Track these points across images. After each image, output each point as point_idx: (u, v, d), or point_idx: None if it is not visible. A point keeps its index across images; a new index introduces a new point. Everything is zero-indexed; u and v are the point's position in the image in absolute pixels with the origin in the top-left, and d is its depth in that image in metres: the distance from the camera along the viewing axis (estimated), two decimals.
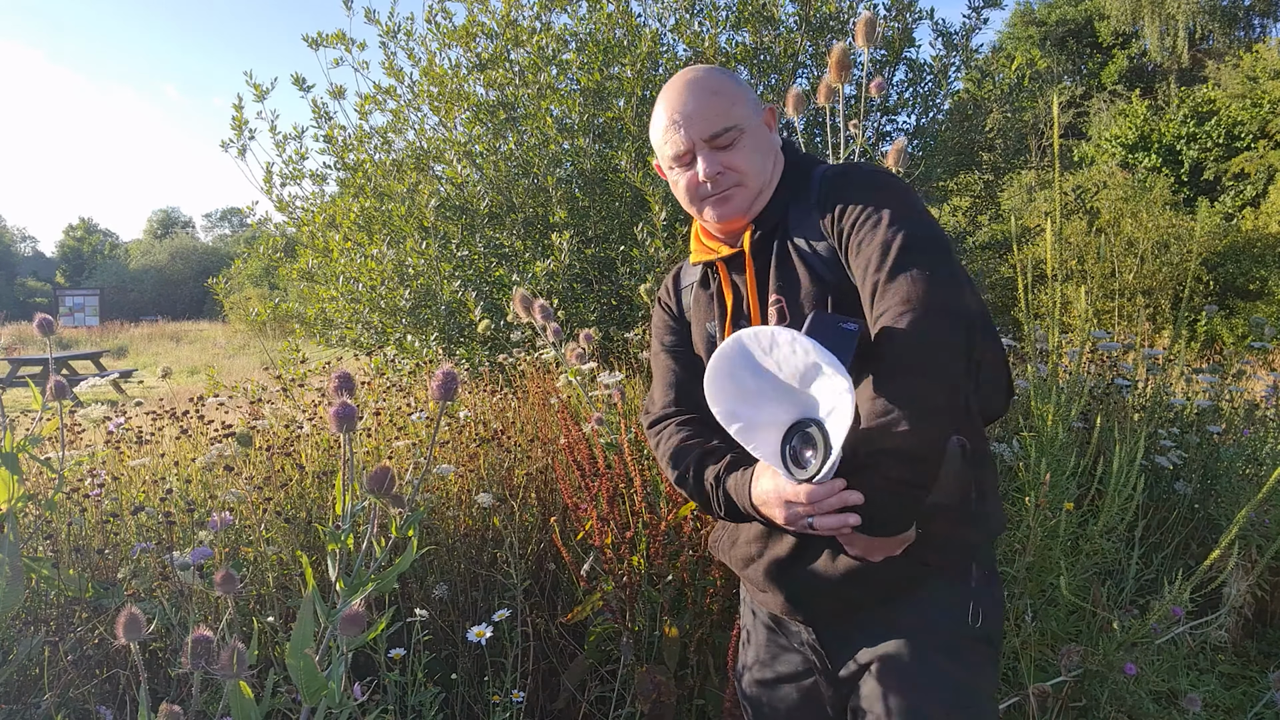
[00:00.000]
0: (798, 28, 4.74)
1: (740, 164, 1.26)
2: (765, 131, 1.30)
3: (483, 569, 2.35)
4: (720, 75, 1.29)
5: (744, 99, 1.28)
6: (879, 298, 1.06)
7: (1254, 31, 23.19)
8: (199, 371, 12.76)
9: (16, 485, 1.43)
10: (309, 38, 4.92)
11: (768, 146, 1.29)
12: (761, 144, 1.28)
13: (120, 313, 34.51)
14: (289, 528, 2.15)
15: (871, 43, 1.79)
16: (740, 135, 1.26)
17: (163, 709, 0.96)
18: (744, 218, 1.28)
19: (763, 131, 1.30)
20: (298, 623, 1.01)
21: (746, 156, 1.26)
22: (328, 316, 5.26)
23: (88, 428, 2.59)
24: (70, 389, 1.59)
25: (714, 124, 1.25)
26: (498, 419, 2.80)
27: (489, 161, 4.56)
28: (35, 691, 1.78)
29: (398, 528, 1.04)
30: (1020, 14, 24.81)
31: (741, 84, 1.31)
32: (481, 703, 2.08)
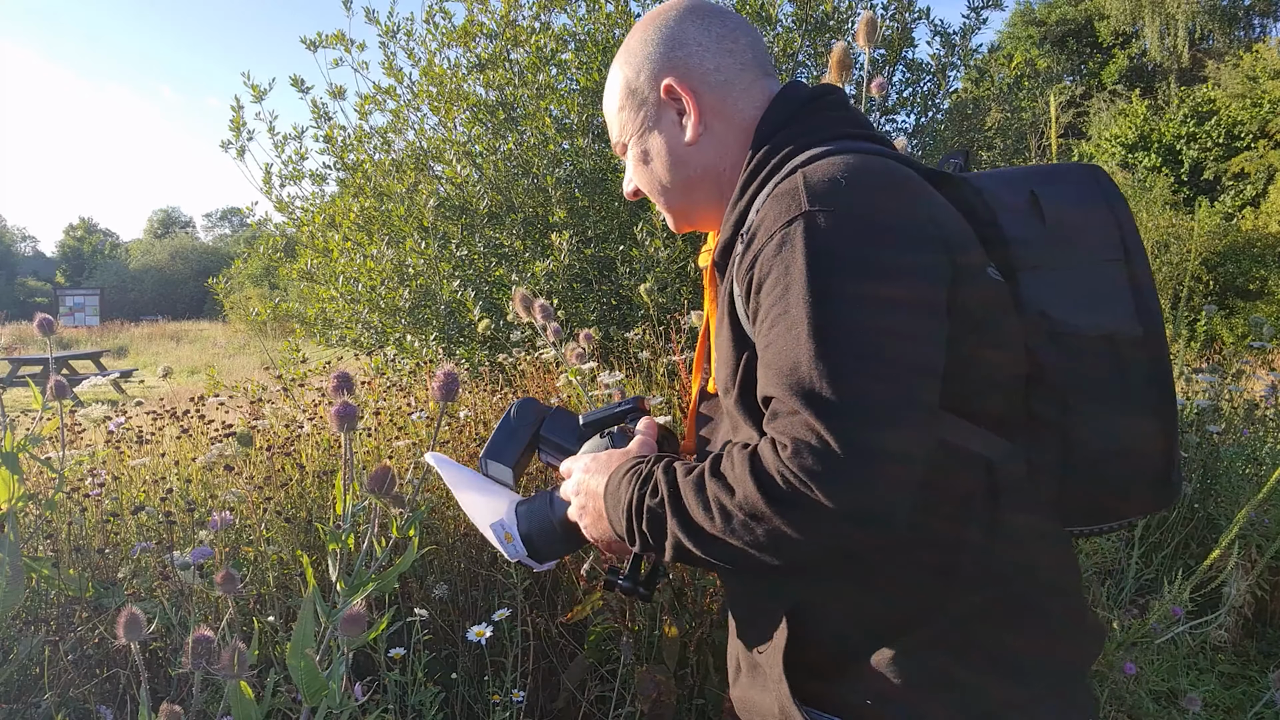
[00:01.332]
0: (796, 27, 4.74)
1: (635, 183, 1.06)
2: (666, 130, 0.99)
3: (483, 568, 2.35)
4: (616, 63, 1.03)
5: (624, 94, 1.01)
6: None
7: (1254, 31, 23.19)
8: (199, 371, 12.77)
9: (17, 485, 1.43)
10: (307, 40, 4.92)
11: (666, 150, 0.99)
12: (654, 150, 1.00)
13: (120, 312, 34.51)
14: (289, 527, 2.15)
15: (872, 43, 1.79)
16: (625, 149, 1.04)
17: (164, 709, 0.96)
18: (700, 228, 1.07)
19: (657, 134, 0.99)
20: (298, 623, 1.01)
21: (640, 176, 1.04)
22: (328, 316, 5.27)
23: (88, 427, 2.59)
24: (70, 389, 1.59)
25: (612, 132, 1.06)
26: (498, 417, 2.80)
27: (488, 161, 4.56)
28: (35, 691, 1.78)
29: (399, 528, 1.04)
30: (1020, 14, 24.81)
31: (628, 62, 1.01)
32: (481, 702, 2.08)
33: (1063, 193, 0.93)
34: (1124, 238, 0.91)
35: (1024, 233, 0.90)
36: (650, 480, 0.86)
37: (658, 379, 2.93)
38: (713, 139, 0.98)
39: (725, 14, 1.01)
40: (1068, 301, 0.88)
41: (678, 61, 0.97)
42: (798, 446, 0.73)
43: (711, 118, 0.97)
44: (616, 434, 1.04)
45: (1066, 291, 0.88)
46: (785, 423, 0.75)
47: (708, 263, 1.01)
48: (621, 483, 0.90)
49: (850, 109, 0.98)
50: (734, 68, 0.98)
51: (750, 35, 1.01)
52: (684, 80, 0.97)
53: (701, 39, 0.98)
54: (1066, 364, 0.86)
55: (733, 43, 0.98)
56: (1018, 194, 0.92)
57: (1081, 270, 0.89)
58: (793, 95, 0.96)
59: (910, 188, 0.84)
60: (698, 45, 0.98)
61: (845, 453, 0.71)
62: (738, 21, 1.01)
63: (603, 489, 0.93)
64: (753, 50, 1.00)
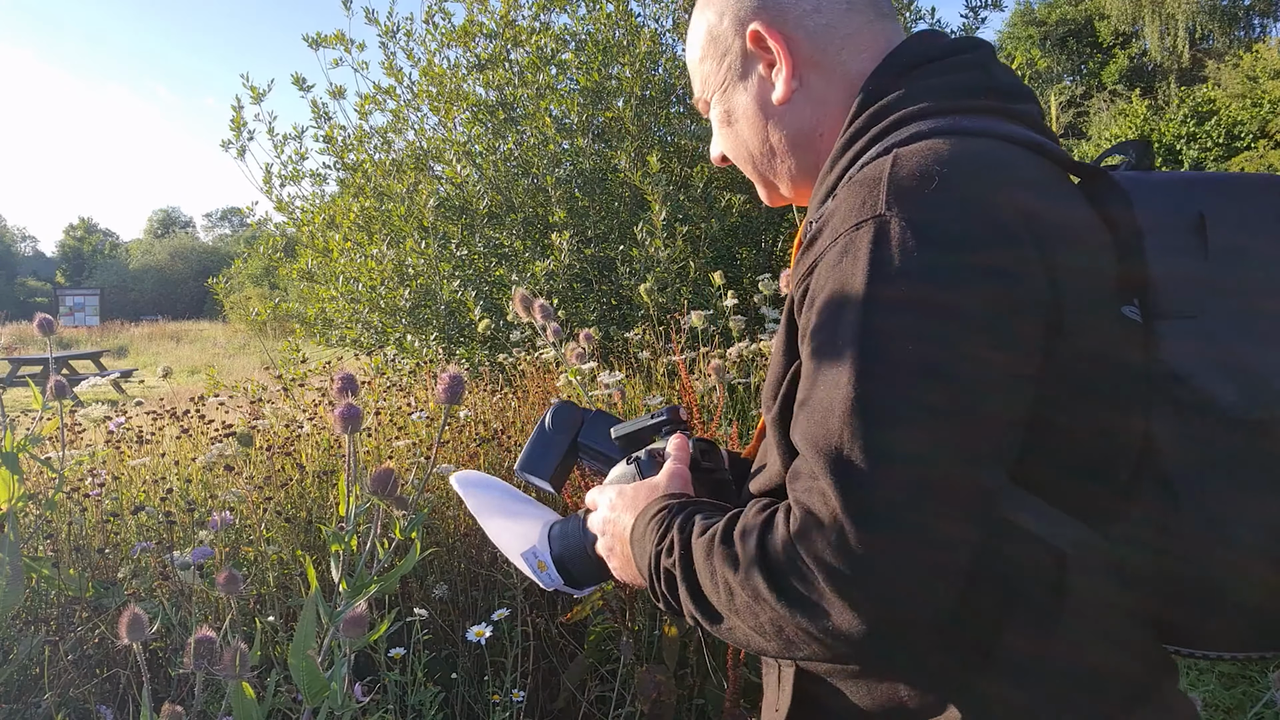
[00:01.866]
0: None
1: (721, 147, 0.92)
2: (754, 85, 0.84)
3: (482, 568, 2.35)
4: (694, 16, 0.89)
5: (706, 42, 0.86)
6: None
7: (1254, 31, 23.22)
8: (199, 371, 12.77)
9: (17, 485, 1.43)
10: (309, 37, 4.92)
11: (755, 109, 0.84)
12: (739, 109, 0.86)
13: (120, 312, 34.52)
14: (289, 527, 2.15)
15: None
16: (709, 109, 0.90)
17: (165, 709, 0.96)
18: (796, 203, 0.92)
19: (743, 90, 0.85)
20: (300, 623, 1.01)
21: (724, 139, 0.90)
22: (328, 316, 5.27)
23: (88, 427, 2.59)
24: (70, 388, 1.59)
25: (695, 87, 0.91)
26: (498, 419, 2.80)
27: (488, 161, 4.56)
28: (35, 691, 1.78)
29: (401, 530, 1.04)
30: (1020, 14, 24.82)
31: (710, 2, 0.86)
32: (481, 702, 2.08)
33: (1242, 212, 0.68)
34: None
35: (1174, 266, 0.66)
36: (667, 536, 0.74)
37: (658, 379, 2.93)
38: (809, 97, 0.81)
39: None
40: (1218, 368, 0.64)
41: (768, 1, 0.81)
42: (807, 524, 0.60)
43: (808, 71, 0.80)
44: (644, 460, 0.93)
45: (1221, 353, 0.65)
46: (804, 487, 0.62)
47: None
48: (646, 531, 0.78)
49: (992, 71, 0.77)
50: (839, 7, 0.80)
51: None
52: (775, 24, 0.80)
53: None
54: (1192, 446, 0.64)
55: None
56: (1180, 209, 0.69)
57: (1249, 325, 0.65)
58: (917, 48, 0.78)
59: (1020, 199, 0.64)
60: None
61: (862, 544, 0.57)
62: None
63: (629, 534, 0.82)
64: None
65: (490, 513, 1.03)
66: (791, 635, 0.63)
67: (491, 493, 1.05)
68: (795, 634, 0.62)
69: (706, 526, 0.71)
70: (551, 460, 1.02)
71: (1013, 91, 0.76)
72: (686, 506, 0.77)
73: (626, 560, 0.83)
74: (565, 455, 1.02)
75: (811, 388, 0.64)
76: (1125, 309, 0.66)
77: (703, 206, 4.31)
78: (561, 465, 1.02)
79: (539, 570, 0.97)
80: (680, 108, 4.68)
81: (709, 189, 4.39)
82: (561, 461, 1.02)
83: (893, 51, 0.78)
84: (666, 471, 0.86)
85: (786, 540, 0.61)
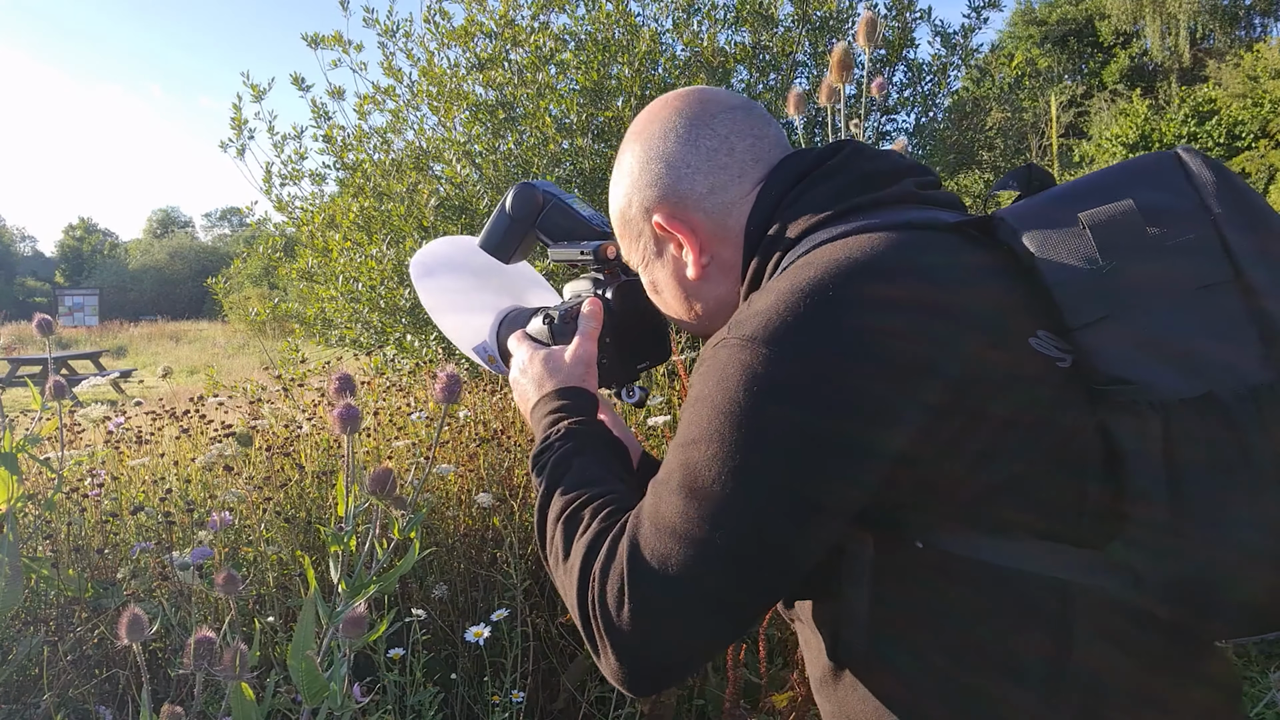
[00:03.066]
0: (796, 27, 4.74)
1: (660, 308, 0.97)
2: (669, 263, 0.89)
3: (482, 569, 2.34)
4: (613, 175, 0.94)
5: (619, 221, 0.94)
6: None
7: (1255, 31, 23.21)
8: (199, 371, 12.76)
9: (16, 485, 1.43)
10: (307, 37, 4.92)
11: (674, 285, 0.90)
12: (661, 283, 0.92)
13: (120, 312, 34.52)
14: (289, 528, 2.15)
15: (873, 43, 1.79)
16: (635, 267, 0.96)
17: (164, 709, 0.96)
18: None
19: (661, 267, 0.90)
20: (299, 624, 1.01)
21: (656, 302, 0.96)
22: (327, 316, 5.26)
23: (87, 427, 2.59)
24: (70, 389, 1.59)
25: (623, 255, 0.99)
26: (498, 418, 2.80)
27: (488, 161, 4.56)
28: (35, 691, 1.78)
29: (400, 530, 1.04)
30: (1021, 13, 24.82)
31: (618, 184, 0.93)
32: (481, 703, 2.08)
33: (1122, 209, 0.69)
34: (1232, 248, 0.66)
35: (1066, 274, 0.67)
36: (547, 453, 0.86)
37: (657, 379, 2.93)
38: (720, 266, 0.86)
39: (719, 112, 0.85)
40: (1148, 357, 0.64)
41: (666, 190, 0.85)
42: (609, 569, 0.71)
43: (715, 245, 0.85)
44: (556, 324, 0.99)
45: (1145, 343, 0.65)
46: (638, 519, 0.72)
47: None
48: (536, 425, 0.91)
49: (856, 166, 0.80)
50: (731, 179, 0.84)
51: (752, 128, 0.86)
52: (675, 215, 0.85)
53: (689, 158, 0.84)
54: (1150, 443, 0.63)
55: (728, 153, 0.84)
56: (1063, 220, 0.70)
57: (1167, 310, 0.65)
58: (774, 187, 0.82)
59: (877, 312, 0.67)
60: (686, 167, 0.84)
61: (633, 623, 0.68)
62: (735, 118, 0.85)
63: (529, 408, 0.95)
64: (754, 147, 0.85)
65: (443, 310, 1.07)
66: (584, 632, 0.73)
67: (452, 278, 1.09)
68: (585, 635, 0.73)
69: (571, 490, 0.81)
70: (510, 245, 1.06)
71: (888, 174, 0.80)
72: (573, 435, 0.86)
73: (528, 421, 0.96)
74: (523, 240, 1.06)
75: (675, 438, 0.73)
76: (1031, 341, 0.67)
77: None
78: (519, 250, 1.07)
79: (489, 363, 1.03)
80: None
81: None
82: (519, 247, 1.07)
83: (756, 199, 0.83)
84: (572, 351, 0.95)
85: (598, 571, 0.71)
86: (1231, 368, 0.64)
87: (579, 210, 1.06)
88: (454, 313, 1.07)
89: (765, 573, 0.68)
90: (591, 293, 1.00)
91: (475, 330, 1.05)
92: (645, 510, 0.72)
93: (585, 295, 1.00)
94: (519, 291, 1.10)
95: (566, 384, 0.93)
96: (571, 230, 1.04)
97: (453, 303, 1.08)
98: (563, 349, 0.97)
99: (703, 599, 0.68)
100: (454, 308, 1.08)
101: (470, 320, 1.06)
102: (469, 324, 1.06)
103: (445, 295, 1.10)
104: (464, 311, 1.07)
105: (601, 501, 0.79)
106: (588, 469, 0.83)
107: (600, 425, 0.91)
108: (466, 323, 1.07)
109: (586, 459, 0.84)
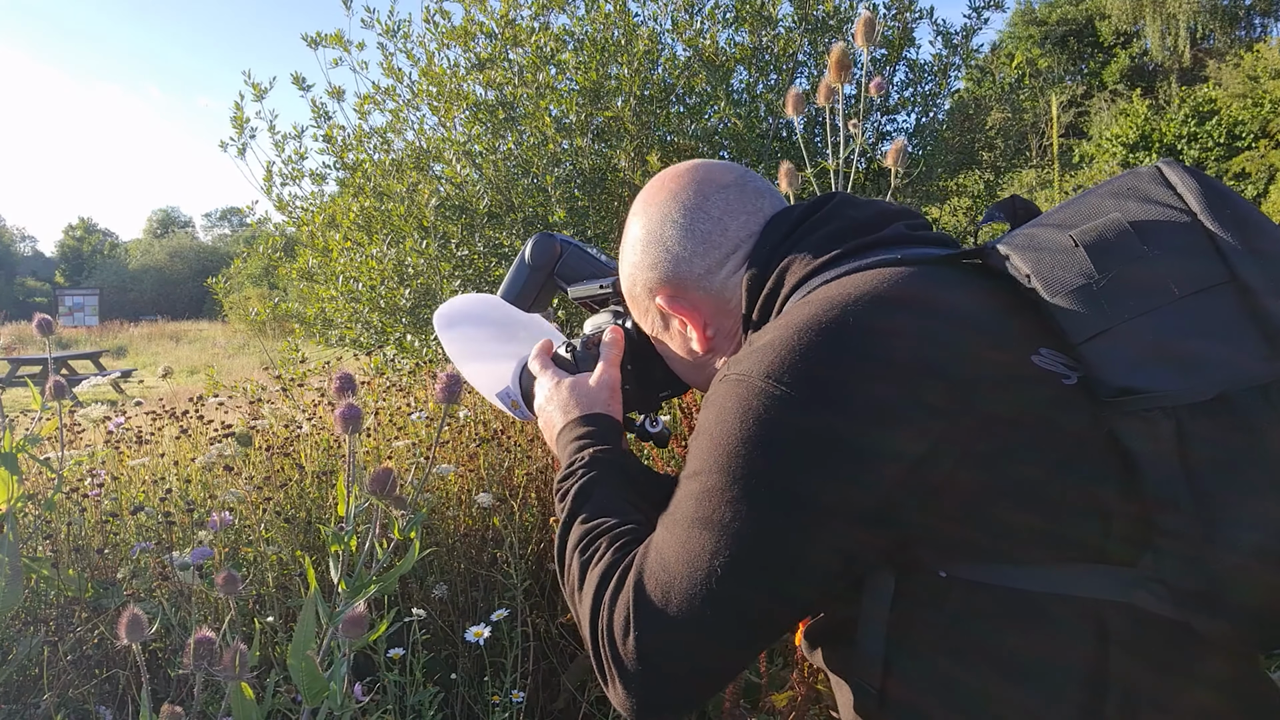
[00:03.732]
0: (796, 27, 4.74)
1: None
2: (675, 337, 0.93)
3: (482, 569, 2.34)
4: (622, 246, 0.94)
5: (627, 294, 0.96)
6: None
7: (1255, 31, 23.22)
8: (199, 371, 12.77)
9: (16, 485, 1.43)
10: (308, 37, 4.92)
11: (683, 355, 0.94)
12: (671, 353, 0.96)
13: (120, 312, 34.51)
14: (289, 528, 2.15)
15: (871, 43, 1.79)
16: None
17: (164, 709, 0.96)
18: None
19: (668, 340, 0.95)
20: (299, 624, 1.01)
21: (669, 365, 0.98)
22: (327, 316, 5.27)
23: (87, 427, 2.59)
24: (70, 389, 1.59)
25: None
26: (498, 418, 2.80)
27: (488, 161, 4.56)
28: (35, 691, 1.78)
29: (400, 530, 1.04)
30: (1021, 13, 24.82)
31: (624, 262, 0.94)
32: (481, 703, 2.08)
33: (1112, 224, 0.70)
34: (1223, 249, 0.66)
35: (1064, 292, 0.68)
36: (569, 480, 0.87)
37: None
38: (725, 337, 0.89)
39: (712, 193, 0.87)
40: (1154, 364, 0.64)
41: (666, 274, 0.88)
42: (618, 606, 0.72)
43: (718, 319, 0.88)
44: (580, 352, 1.01)
45: (1149, 350, 0.64)
46: (646, 551, 0.74)
47: None
48: (561, 451, 0.92)
49: (843, 214, 0.83)
50: (726, 256, 0.86)
51: (745, 204, 0.87)
52: (676, 294, 0.88)
53: (686, 242, 0.87)
54: (1165, 449, 0.63)
55: (721, 234, 0.86)
56: (1055, 241, 0.71)
57: (1167, 316, 0.65)
58: (765, 243, 0.84)
59: (859, 358, 0.67)
60: (684, 250, 0.87)
61: (639, 660, 0.70)
62: (728, 197, 0.87)
63: (554, 436, 0.95)
64: (748, 224, 0.86)
65: (467, 358, 1.09)
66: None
67: (474, 329, 1.11)
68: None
69: (591, 519, 0.82)
70: (529, 293, 1.09)
71: (876, 219, 0.82)
72: (598, 463, 0.87)
73: (553, 448, 0.96)
74: (543, 289, 1.09)
75: (677, 493, 0.74)
76: (1033, 359, 0.68)
77: None
78: (539, 298, 1.10)
79: (513, 408, 1.05)
80: (679, 107, 4.68)
81: None
82: (539, 295, 1.09)
83: (749, 254, 0.85)
84: (597, 377, 0.97)
85: (607, 601, 0.73)
86: (1237, 368, 0.63)
87: (595, 254, 1.09)
88: (478, 360, 1.09)
89: (767, 602, 0.69)
90: (613, 323, 1.02)
91: (498, 377, 1.06)
92: (653, 542, 0.73)
93: (606, 326, 1.02)
94: (538, 342, 1.12)
95: (591, 410, 0.94)
96: (589, 272, 1.07)
97: (476, 351, 1.10)
98: (587, 375, 0.98)
99: (705, 631, 0.68)
100: (478, 356, 1.09)
101: (493, 368, 1.08)
102: (492, 371, 1.08)
103: (468, 344, 1.11)
104: (487, 360, 1.09)
105: (618, 532, 0.80)
106: (608, 498, 0.84)
107: (624, 453, 0.91)
108: (490, 370, 1.08)
109: (608, 489, 0.85)
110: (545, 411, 0.99)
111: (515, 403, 1.05)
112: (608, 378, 0.97)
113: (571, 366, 1.02)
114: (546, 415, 0.98)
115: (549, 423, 0.98)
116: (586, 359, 1.01)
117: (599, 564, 0.77)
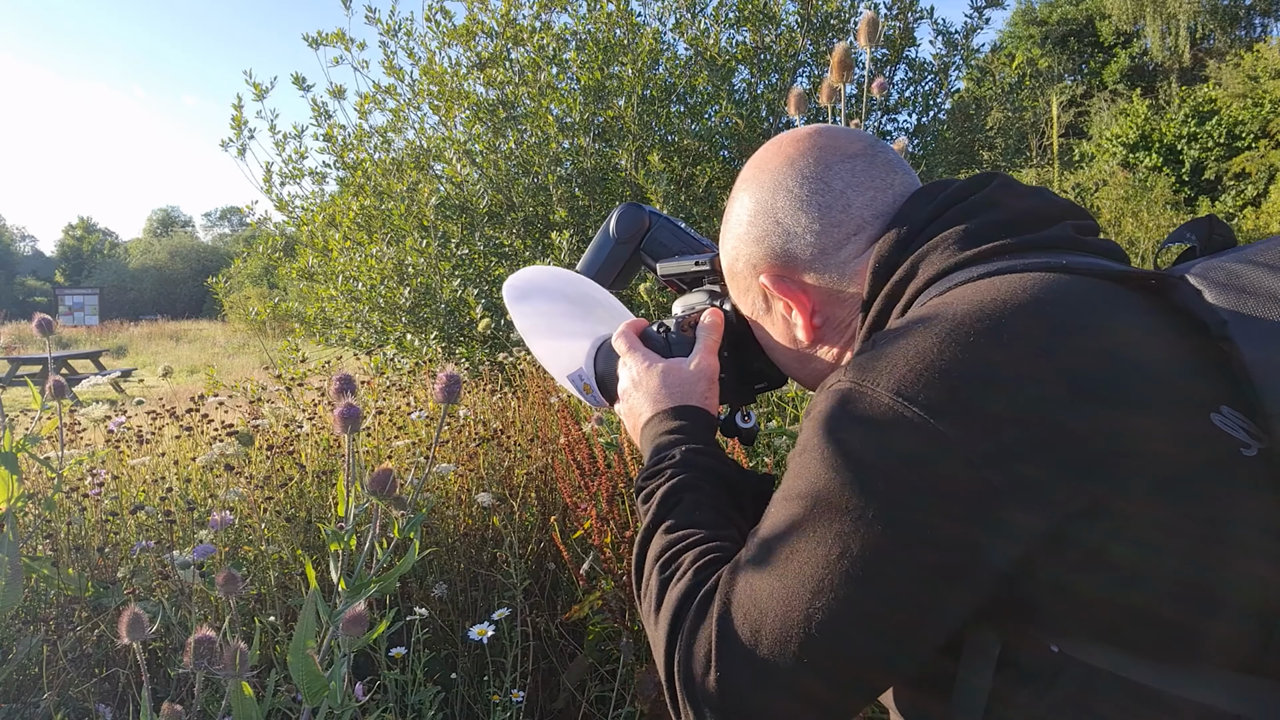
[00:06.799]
0: (798, 26, 4.74)
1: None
2: (778, 323, 0.83)
3: (482, 568, 2.34)
4: (726, 214, 0.84)
5: (728, 271, 0.85)
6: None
7: (1255, 31, 23.21)
8: (199, 371, 12.77)
9: (16, 484, 1.43)
10: (309, 36, 4.93)
11: (785, 344, 0.84)
12: (772, 340, 0.85)
13: (120, 312, 34.54)
14: (289, 527, 2.15)
15: (873, 43, 1.79)
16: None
17: (165, 709, 0.96)
18: None
19: (769, 326, 0.84)
20: (300, 623, 1.01)
21: (765, 349, 0.87)
22: (327, 316, 5.27)
23: (88, 427, 2.59)
24: (70, 388, 1.59)
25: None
26: (498, 418, 2.80)
27: (489, 160, 4.56)
28: (34, 691, 1.78)
29: (400, 529, 1.04)
30: (1021, 13, 24.81)
31: (726, 235, 0.84)
32: (481, 702, 2.08)
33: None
34: None
35: (1270, 352, 0.56)
36: (656, 479, 0.78)
37: None
38: (834, 328, 0.78)
39: (835, 162, 0.76)
40: None
41: (773, 250, 0.78)
42: (702, 638, 0.64)
43: (828, 307, 0.78)
44: (675, 336, 0.89)
45: None
46: (734, 578, 0.64)
47: None
48: (646, 447, 0.82)
49: (1003, 204, 0.71)
50: (846, 237, 0.75)
51: (873, 178, 0.76)
52: (783, 275, 0.78)
53: (800, 215, 0.76)
54: None
55: (843, 209, 0.75)
56: (1262, 286, 0.59)
57: None
58: (904, 222, 0.72)
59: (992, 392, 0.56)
60: (796, 225, 0.76)
61: (723, 705, 0.62)
62: (854, 168, 0.76)
63: (639, 425, 0.85)
64: (874, 201, 0.75)
65: (539, 334, 0.99)
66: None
67: (546, 303, 1.01)
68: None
69: (677, 529, 0.74)
70: (612, 269, 0.99)
71: (1041, 214, 0.70)
72: (687, 467, 0.78)
73: (636, 438, 0.86)
74: (626, 264, 0.99)
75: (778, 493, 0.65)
76: (1213, 418, 0.56)
77: (705, 206, 4.31)
78: (622, 274, 1.00)
79: (585, 392, 0.95)
80: (681, 107, 4.68)
81: (711, 188, 4.39)
82: (622, 271, 0.99)
83: (883, 233, 0.74)
84: (695, 364, 0.86)
85: (686, 629, 0.65)
86: None
87: (686, 230, 0.99)
88: (549, 338, 0.99)
89: (869, 663, 0.60)
90: (709, 304, 0.90)
91: (571, 356, 0.96)
92: (742, 567, 0.64)
93: (698, 307, 0.91)
94: (617, 324, 1.00)
95: (685, 402, 0.84)
96: (679, 248, 0.97)
97: (548, 327, 1.00)
98: (682, 361, 0.86)
99: (791, 683, 0.60)
100: (549, 332, 0.99)
101: (566, 346, 0.98)
102: (565, 349, 0.98)
103: (540, 319, 1.01)
104: (560, 337, 0.98)
105: (704, 548, 0.71)
106: (699, 506, 0.75)
107: (718, 452, 0.81)
108: (563, 348, 0.98)
109: (700, 495, 0.76)
110: (630, 398, 0.87)
111: (587, 386, 0.95)
112: (706, 366, 0.85)
113: (664, 349, 0.90)
114: (632, 402, 0.87)
115: (633, 410, 0.87)
116: (681, 343, 0.89)
117: (679, 583, 0.68)
